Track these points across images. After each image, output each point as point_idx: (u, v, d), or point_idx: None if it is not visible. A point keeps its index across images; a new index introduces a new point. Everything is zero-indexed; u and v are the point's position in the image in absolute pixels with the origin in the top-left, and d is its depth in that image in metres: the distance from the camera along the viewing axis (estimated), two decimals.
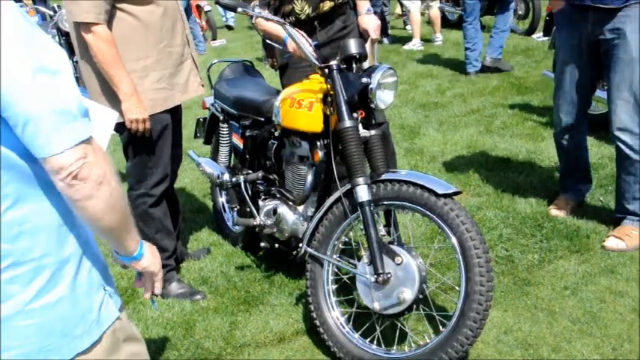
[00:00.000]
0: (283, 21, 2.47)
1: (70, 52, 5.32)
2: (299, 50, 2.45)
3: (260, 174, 2.85)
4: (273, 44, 2.87)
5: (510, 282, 2.69)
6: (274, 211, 2.69)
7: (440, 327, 2.15)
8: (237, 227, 3.26)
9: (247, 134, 2.94)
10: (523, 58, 6.85)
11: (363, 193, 2.15)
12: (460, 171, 3.94)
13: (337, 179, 2.32)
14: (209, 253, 3.25)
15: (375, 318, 2.26)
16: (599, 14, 2.71)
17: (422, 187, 2.10)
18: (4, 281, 1.07)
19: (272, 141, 2.76)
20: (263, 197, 2.86)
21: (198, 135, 3.50)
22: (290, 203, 2.68)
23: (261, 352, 2.43)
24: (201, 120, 3.45)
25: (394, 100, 2.32)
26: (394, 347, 2.27)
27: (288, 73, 3.11)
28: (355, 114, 2.24)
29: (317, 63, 2.32)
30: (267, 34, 2.89)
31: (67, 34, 5.21)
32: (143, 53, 2.50)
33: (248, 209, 2.87)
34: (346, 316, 2.35)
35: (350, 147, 2.19)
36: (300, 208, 2.65)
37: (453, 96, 5.78)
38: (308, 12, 2.94)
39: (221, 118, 3.18)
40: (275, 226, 2.69)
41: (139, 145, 2.62)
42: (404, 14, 9.22)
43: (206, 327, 2.59)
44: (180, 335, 2.56)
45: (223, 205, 3.46)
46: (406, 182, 2.14)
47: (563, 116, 3.06)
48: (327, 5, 2.95)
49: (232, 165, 3.25)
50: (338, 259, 2.35)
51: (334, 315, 2.33)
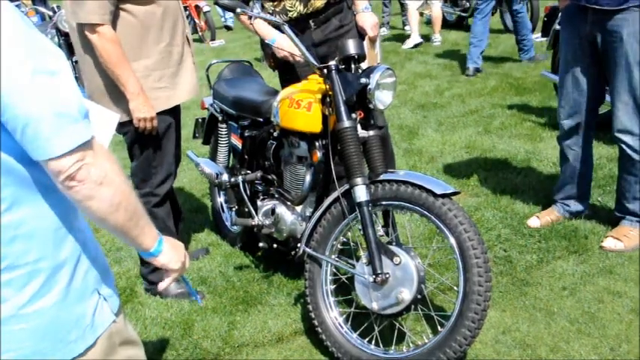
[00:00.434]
0: (283, 22, 2.47)
1: (69, 53, 5.32)
2: (294, 55, 2.45)
3: (259, 174, 2.85)
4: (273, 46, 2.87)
5: (509, 282, 2.69)
6: (273, 211, 2.69)
7: (438, 327, 2.15)
8: (235, 227, 3.26)
9: (246, 134, 2.94)
10: None
11: (362, 194, 2.16)
12: (458, 171, 3.94)
13: (336, 179, 2.32)
14: (208, 253, 3.25)
15: (374, 318, 2.26)
16: (596, 15, 2.70)
17: (420, 188, 2.10)
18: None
19: (271, 141, 2.76)
20: (261, 197, 2.86)
21: (196, 135, 3.50)
22: (288, 203, 2.68)
23: (259, 352, 2.43)
24: (199, 120, 3.44)
25: (393, 101, 2.33)
26: (392, 347, 2.27)
27: (287, 74, 3.11)
28: (354, 114, 2.24)
29: (316, 63, 2.32)
30: (257, 34, 2.89)
31: (66, 35, 5.21)
32: (145, 53, 2.50)
33: (246, 209, 2.87)
34: (344, 316, 2.35)
35: (348, 147, 2.19)
36: (298, 209, 2.65)
37: (452, 96, 5.78)
38: (299, 9, 2.93)
39: (220, 119, 3.18)
40: (273, 226, 2.69)
41: (144, 145, 2.63)
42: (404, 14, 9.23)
43: (204, 327, 2.60)
44: (178, 335, 2.57)
45: (222, 206, 3.46)
46: (404, 182, 2.14)
47: (565, 118, 2.99)
48: (319, 2, 2.93)
49: (231, 165, 3.25)
50: (336, 260, 2.35)
51: (333, 315, 2.33)
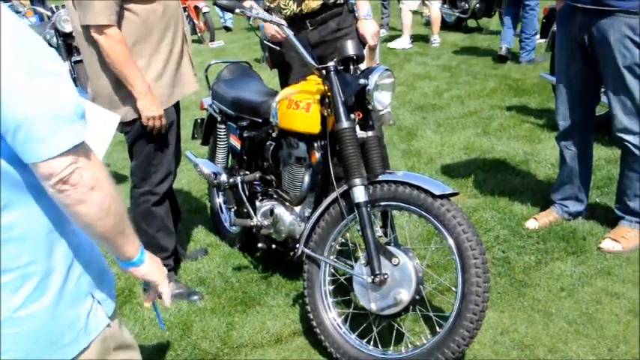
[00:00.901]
0: (282, 22, 2.47)
1: (68, 53, 5.32)
2: (280, 33, 2.44)
3: (257, 175, 2.85)
4: (270, 45, 2.87)
5: (507, 283, 2.69)
6: (271, 212, 2.69)
7: (436, 328, 2.15)
8: (234, 228, 3.26)
9: (245, 135, 2.94)
10: None
11: (360, 194, 2.16)
12: (457, 172, 3.95)
13: (334, 180, 2.32)
14: (206, 254, 3.25)
15: (372, 319, 2.27)
16: (583, 16, 2.70)
17: (419, 188, 2.10)
18: None
19: (269, 142, 2.76)
20: (260, 198, 2.86)
21: (195, 136, 3.50)
22: (287, 204, 2.68)
23: (258, 353, 2.43)
24: (198, 121, 3.45)
25: (391, 102, 2.33)
26: (391, 348, 2.27)
27: (286, 74, 3.11)
28: (352, 115, 2.24)
29: (315, 64, 2.33)
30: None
31: (65, 35, 5.21)
32: (147, 51, 2.50)
33: (245, 210, 2.87)
34: (343, 317, 2.35)
35: (347, 148, 2.19)
36: (297, 209, 2.65)
37: (451, 98, 5.79)
38: (293, 8, 2.94)
39: (219, 119, 3.18)
40: (272, 227, 2.69)
41: (145, 143, 2.63)
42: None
43: (203, 327, 2.59)
44: (177, 336, 2.56)
45: (220, 206, 3.46)
46: (403, 183, 2.14)
47: (561, 118, 3.02)
48: (315, 3, 2.94)
49: (230, 166, 3.26)
50: (335, 260, 2.36)
51: (331, 316, 2.33)
